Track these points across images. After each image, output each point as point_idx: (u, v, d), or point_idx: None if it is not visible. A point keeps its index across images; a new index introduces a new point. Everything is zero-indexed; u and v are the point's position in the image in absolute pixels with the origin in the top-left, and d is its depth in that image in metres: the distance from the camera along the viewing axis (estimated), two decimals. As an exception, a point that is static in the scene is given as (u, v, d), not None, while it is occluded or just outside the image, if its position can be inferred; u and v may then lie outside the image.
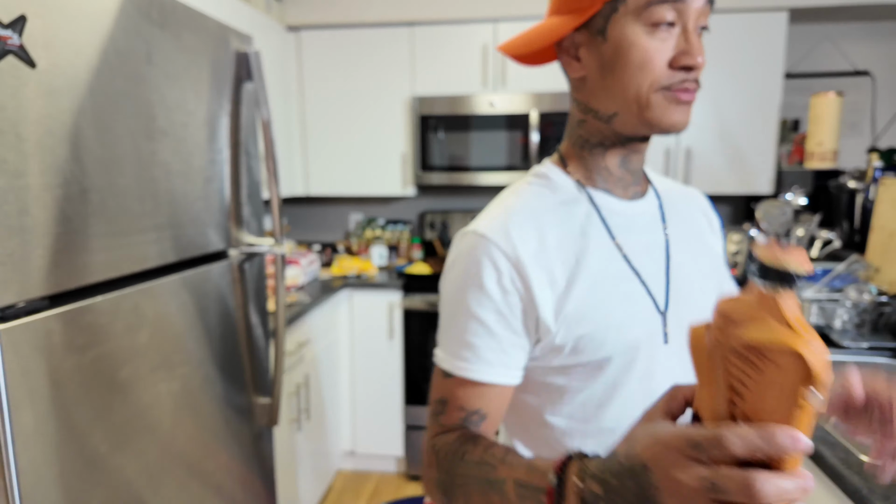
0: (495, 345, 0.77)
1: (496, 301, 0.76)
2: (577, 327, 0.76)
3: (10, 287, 0.93)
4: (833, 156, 2.64)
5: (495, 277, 0.76)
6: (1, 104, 0.90)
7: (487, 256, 0.76)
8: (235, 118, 1.57)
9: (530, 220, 0.79)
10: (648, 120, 0.75)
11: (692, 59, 0.71)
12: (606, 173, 0.84)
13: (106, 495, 1.13)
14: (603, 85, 0.77)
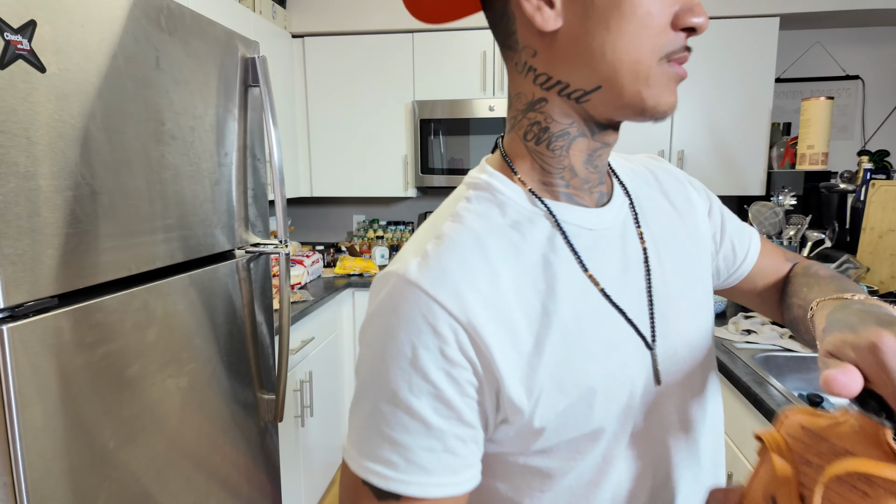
0: (436, 444, 0.53)
1: (436, 383, 0.52)
2: (558, 399, 0.55)
3: (21, 286, 0.95)
4: (824, 158, 2.66)
5: (436, 347, 0.52)
6: (12, 108, 0.92)
7: (422, 316, 0.52)
8: (242, 122, 1.59)
9: (477, 255, 0.55)
10: (643, 100, 0.55)
11: (700, 17, 0.53)
12: (570, 174, 0.61)
13: (114, 489, 1.15)
14: (585, 45, 0.54)
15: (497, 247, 0.57)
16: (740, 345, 1.87)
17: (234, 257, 1.59)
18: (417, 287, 0.53)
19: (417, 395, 0.52)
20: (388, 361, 0.52)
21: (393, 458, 0.52)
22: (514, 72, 0.60)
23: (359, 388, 0.56)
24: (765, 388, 1.52)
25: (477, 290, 0.53)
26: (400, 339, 0.52)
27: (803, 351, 1.80)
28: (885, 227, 2.10)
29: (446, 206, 0.62)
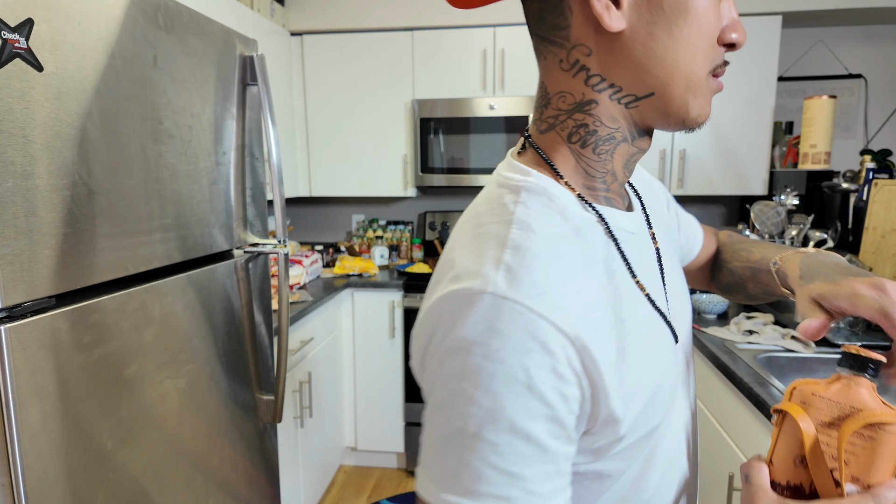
0: (551, 468, 0.50)
1: (550, 403, 0.49)
2: (636, 404, 0.55)
3: (18, 286, 0.94)
4: (826, 158, 2.66)
5: (548, 366, 0.49)
6: (9, 107, 0.92)
7: (530, 334, 0.48)
8: (240, 121, 1.58)
9: (561, 265, 0.53)
10: (684, 108, 0.56)
11: (742, 34, 0.55)
12: (611, 178, 0.60)
13: (112, 490, 1.14)
14: (650, 48, 0.53)
15: (571, 255, 0.55)
16: (742, 345, 1.86)
17: (232, 257, 1.58)
18: (517, 303, 0.49)
19: (534, 420, 0.48)
20: (498, 388, 0.48)
21: (511, 493, 0.48)
22: (557, 69, 0.58)
23: (447, 424, 0.50)
24: (766, 389, 1.51)
25: (573, 302, 0.51)
26: (508, 363, 0.48)
27: (805, 351, 1.79)
28: (888, 227, 2.10)
29: (495, 210, 0.58)
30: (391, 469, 3.20)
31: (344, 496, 2.94)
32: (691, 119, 0.56)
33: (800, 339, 1.85)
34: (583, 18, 0.54)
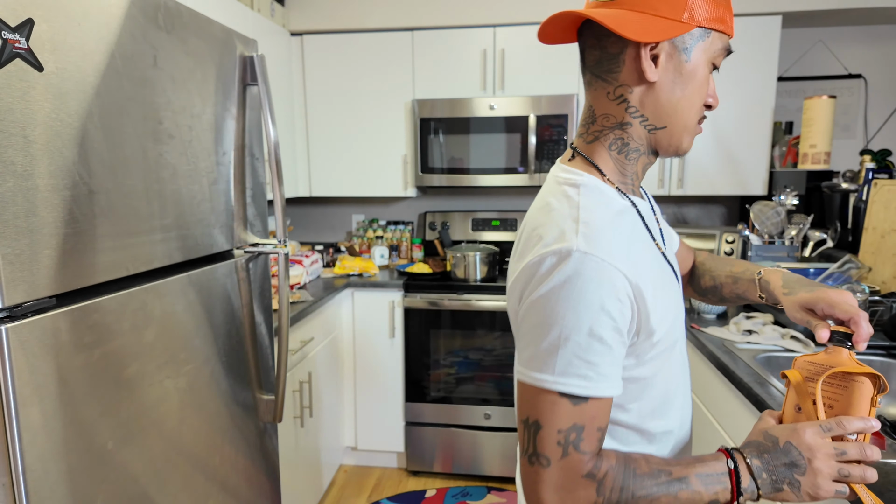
0: (612, 360, 0.77)
1: (615, 318, 0.76)
2: (666, 318, 0.83)
3: (19, 286, 0.95)
4: (826, 158, 2.66)
5: (614, 294, 0.75)
6: (9, 107, 0.92)
7: (603, 275, 0.75)
8: (241, 121, 1.59)
9: (617, 232, 0.80)
10: (680, 142, 0.86)
11: (716, 102, 0.86)
12: (635, 177, 0.89)
13: (112, 490, 1.14)
14: (669, 97, 0.82)
15: (620, 227, 0.82)
16: (741, 345, 1.86)
17: (232, 257, 1.58)
18: (595, 256, 0.76)
19: (605, 328, 0.75)
20: (583, 309, 0.75)
21: (589, 373, 0.75)
22: (604, 98, 0.85)
23: (545, 333, 0.76)
24: (766, 389, 1.51)
25: (628, 255, 0.78)
26: (590, 292, 0.75)
27: (804, 351, 1.79)
28: (888, 227, 2.10)
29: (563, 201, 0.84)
30: (391, 468, 3.20)
31: (344, 495, 2.94)
32: (682, 149, 0.87)
33: (799, 339, 1.86)
34: (631, 68, 0.82)
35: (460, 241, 3.50)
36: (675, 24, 0.78)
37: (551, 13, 2.93)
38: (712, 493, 0.76)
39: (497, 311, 2.90)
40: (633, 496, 0.76)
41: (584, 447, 0.76)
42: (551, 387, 0.76)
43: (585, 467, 0.76)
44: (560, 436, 0.76)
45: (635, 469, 0.77)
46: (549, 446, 0.76)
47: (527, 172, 2.99)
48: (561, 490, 0.76)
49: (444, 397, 3.01)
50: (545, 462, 0.76)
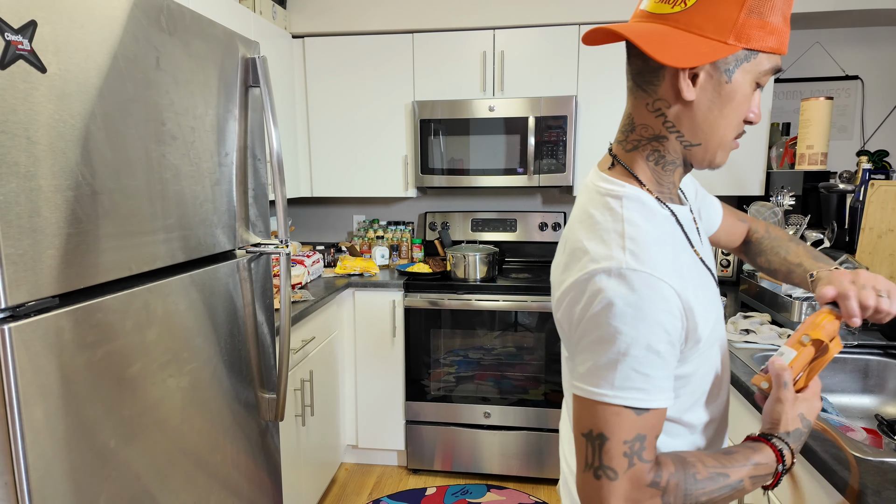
0: (667, 372, 0.80)
1: (669, 332, 0.79)
2: (707, 323, 0.85)
3: (22, 286, 0.95)
4: (823, 158, 2.66)
5: (667, 309, 0.78)
6: (12, 108, 0.93)
7: (655, 291, 0.78)
8: (243, 122, 1.59)
9: (662, 245, 0.83)
10: (714, 158, 0.87)
11: (758, 118, 0.86)
12: (672, 186, 0.91)
13: (115, 489, 1.15)
14: (706, 116, 0.83)
15: (663, 238, 0.84)
16: (739, 344, 1.87)
17: (234, 257, 1.59)
18: (644, 272, 0.78)
19: (661, 342, 0.78)
20: (638, 324, 0.77)
21: (646, 386, 0.78)
22: (643, 108, 0.86)
23: (603, 350, 0.79)
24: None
25: (674, 267, 0.81)
26: (644, 308, 0.77)
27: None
28: (885, 227, 2.11)
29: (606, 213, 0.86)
30: (392, 467, 3.21)
31: (345, 493, 2.95)
32: (715, 164, 0.88)
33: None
34: (670, 84, 0.82)
35: (460, 241, 3.51)
36: (719, 47, 0.78)
37: (550, 15, 2.95)
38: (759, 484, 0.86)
39: (497, 310, 2.91)
40: (697, 501, 0.80)
41: (647, 456, 0.79)
42: (612, 400, 0.78)
43: (649, 476, 0.79)
44: (626, 447, 0.78)
45: (695, 474, 0.81)
46: (616, 458, 0.78)
47: (526, 173, 3.00)
48: (629, 501, 0.78)
49: (445, 396, 3.02)
50: (612, 474, 0.78)
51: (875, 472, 1.08)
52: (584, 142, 3.04)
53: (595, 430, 0.79)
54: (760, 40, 0.78)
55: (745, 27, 0.77)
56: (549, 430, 2.95)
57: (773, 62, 0.81)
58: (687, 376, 0.88)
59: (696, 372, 0.89)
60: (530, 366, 2.93)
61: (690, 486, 0.80)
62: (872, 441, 1.44)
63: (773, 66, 0.81)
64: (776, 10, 0.77)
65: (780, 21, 0.78)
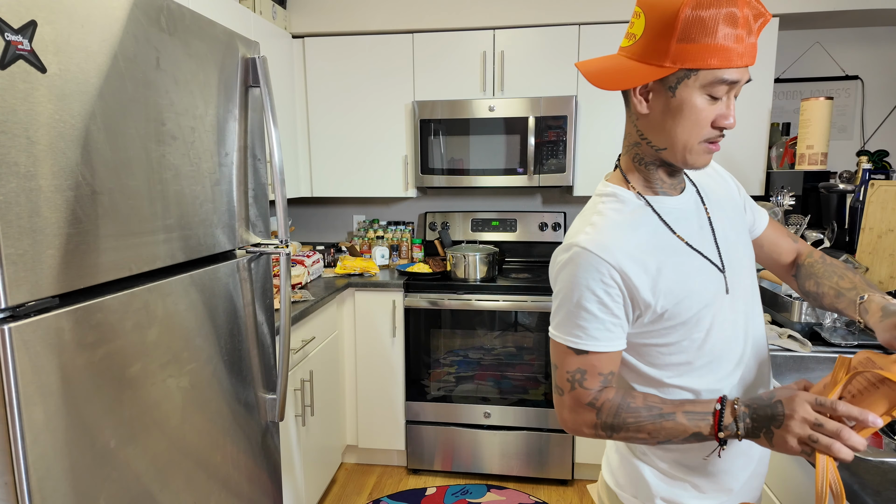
0: (600, 326, 1.01)
1: (599, 296, 1.00)
2: (673, 296, 1.01)
3: (22, 286, 0.95)
4: (823, 158, 2.66)
5: (598, 278, 0.99)
6: (12, 108, 0.93)
7: (590, 264, 0.99)
8: (243, 122, 1.59)
9: (618, 230, 1.02)
10: (686, 160, 1.00)
11: (729, 123, 0.96)
12: (661, 182, 1.07)
13: (115, 489, 1.15)
14: (661, 126, 0.99)
15: (628, 224, 1.03)
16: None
17: (234, 257, 1.59)
18: (586, 250, 1.00)
19: (590, 303, 1.00)
20: (574, 288, 1.01)
21: (580, 334, 1.01)
22: (629, 121, 1.05)
23: (560, 305, 1.03)
24: (764, 388, 1.52)
25: (620, 248, 1.00)
26: (579, 276, 1.00)
27: (802, 350, 1.80)
28: (884, 227, 2.11)
29: (592, 207, 1.08)
30: (392, 466, 3.21)
31: (345, 493, 2.95)
32: (693, 164, 1.00)
33: (796, 339, 1.86)
34: (632, 102, 1.01)
35: (460, 241, 3.51)
36: (655, 70, 0.94)
37: (550, 15, 2.95)
38: (694, 426, 0.96)
39: (497, 310, 2.91)
40: (624, 421, 0.99)
41: (587, 385, 1.02)
42: (560, 340, 1.04)
43: (588, 398, 1.02)
44: (569, 375, 1.03)
45: (630, 402, 1.00)
46: (563, 382, 1.04)
47: (526, 173, 3.00)
48: (571, 410, 1.04)
49: (445, 396, 3.02)
50: (560, 392, 1.05)
51: (875, 472, 1.08)
52: (584, 142, 3.04)
53: (553, 360, 1.07)
54: (696, 60, 0.91)
55: (679, 52, 0.91)
56: (549, 430, 2.95)
57: (716, 76, 0.92)
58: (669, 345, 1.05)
59: (678, 344, 1.05)
60: (530, 366, 2.93)
61: (622, 408, 0.99)
62: (872, 441, 1.44)
63: (716, 78, 0.92)
64: (714, 33, 0.90)
65: (725, 40, 0.90)
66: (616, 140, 3.01)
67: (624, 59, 0.99)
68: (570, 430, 1.06)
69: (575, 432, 1.06)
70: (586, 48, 2.96)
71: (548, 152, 2.97)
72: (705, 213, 1.11)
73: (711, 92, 0.94)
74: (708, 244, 1.08)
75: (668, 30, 0.92)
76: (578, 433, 1.06)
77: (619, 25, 2.91)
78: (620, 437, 1.01)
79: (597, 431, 1.03)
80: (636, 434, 1.00)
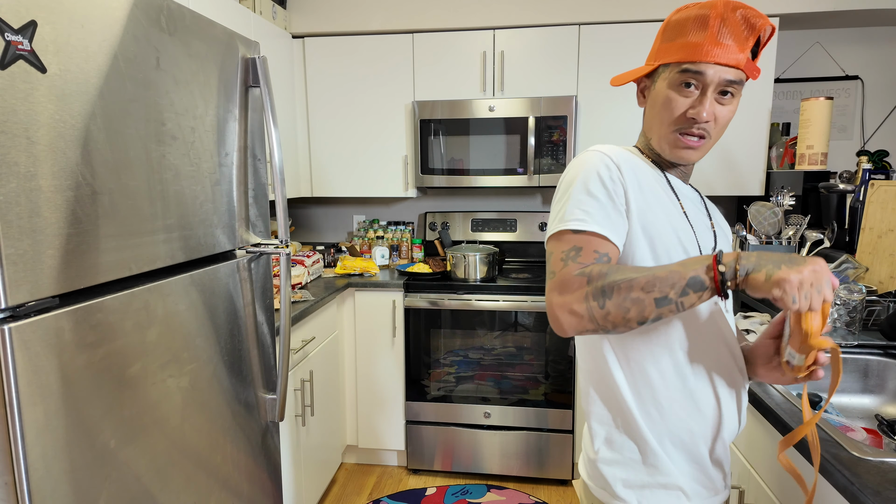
0: (603, 212, 1.02)
1: (607, 186, 1.04)
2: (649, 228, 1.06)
3: (22, 286, 0.95)
4: (823, 158, 2.67)
5: (607, 173, 1.04)
6: (12, 108, 0.93)
7: (602, 161, 1.06)
8: (243, 122, 1.59)
9: (629, 157, 1.10)
10: (663, 148, 1.10)
11: (696, 114, 1.04)
12: (668, 164, 1.15)
13: (115, 489, 1.15)
14: (649, 116, 1.12)
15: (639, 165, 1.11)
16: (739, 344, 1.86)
17: (234, 257, 1.59)
18: (601, 152, 1.08)
19: (596, 187, 1.04)
20: (586, 176, 1.05)
21: (584, 217, 1.02)
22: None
23: (566, 194, 1.06)
24: (764, 388, 1.52)
25: (626, 162, 1.08)
26: (591, 167, 1.06)
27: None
28: (885, 227, 2.11)
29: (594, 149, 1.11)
30: (392, 466, 3.21)
31: (345, 493, 2.95)
32: (667, 154, 1.11)
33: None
34: (637, 98, 1.17)
35: (460, 241, 3.51)
36: (643, 68, 1.12)
37: (550, 15, 2.96)
38: (692, 270, 0.91)
39: (497, 310, 2.91)
40: (614, 281, 0.93)
41: (581, 260, 0.99)
42: (558, 227, 1.03)
43: (578, 269, 0.98)
44: (563, 254, 1.01)
45: (619, 268, 0.96)
46: (556, 263, 1.01)
47: (526, 173, 3.00)
48: (560, 287, 0.97)
49: (445, 396, 3.02)
50: (551, 275, 1.01)
51: (875, 472, 1.09)
52: (584, 142, 3.04)
53: (548, 253, 1.04)
54: (667, 56, 1.05)
55: (659, 51, 1.08)
56: (549, 430, 2.95)
57: (681, 67, 1.03)
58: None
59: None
60: (530, 366, 2.93)
61: (612, 269, 0.95)
62: (872, 441, 1.44)
63: (681, 69, 1.03)
64: (685, 34, 1.03)
65: (694, 37, 1.02)
66: (616, 140, 3.02)
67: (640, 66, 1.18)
68: (559, 314, 0.97)
69: (564, 317, 0.97)
70: (586, 48, 2.96)
71: (548, 152, 2.97)
72: (707, 216, 1.18)
73: (682, 81, 1.04)
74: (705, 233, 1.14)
75: (658, 35, 1.10)
76: (568, 319, 0.96)
77: (620, 25, 2.91)
78: (613, 304, 0.93)
79: (588, 304, 0.94)
80: (629, 294, 0.92)
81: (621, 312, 0.93)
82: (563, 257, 1.00)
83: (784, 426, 1.32)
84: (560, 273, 0.99)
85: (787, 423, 1.31)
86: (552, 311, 0.98)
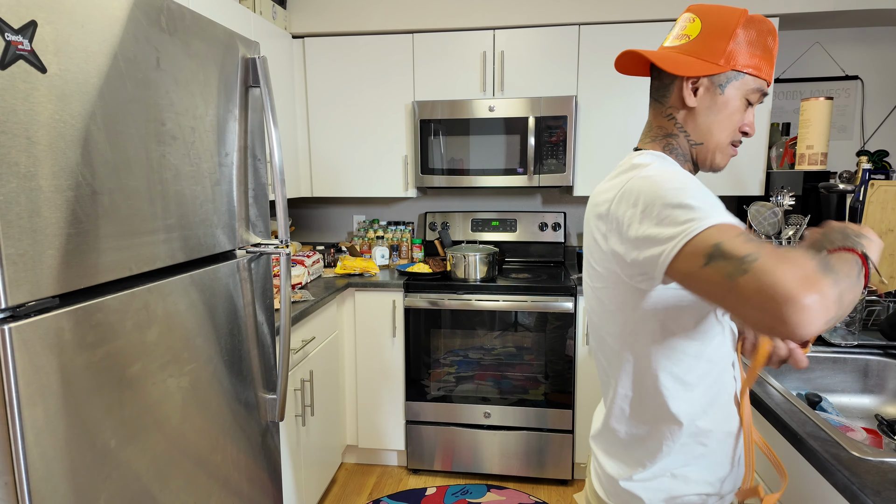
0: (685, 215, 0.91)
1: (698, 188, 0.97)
2: None
3: (22, 286, 0.95)
4: (823, 158, 2.66)
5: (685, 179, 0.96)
6: (12, 108, 0.93)
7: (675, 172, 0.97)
8: (243, 122, 1.59)
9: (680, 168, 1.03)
10: (714, 158, 1.09)
11: (752, 130, 1.09)
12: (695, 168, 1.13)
13: (115, 489, 1.15)
14: (705, 120, 1.07)
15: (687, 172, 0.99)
16: (740, 344, 1.87)
17: (235, 257, 1.59)
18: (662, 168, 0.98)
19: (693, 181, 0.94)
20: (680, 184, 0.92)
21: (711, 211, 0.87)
22: (660, 115, 1.12)
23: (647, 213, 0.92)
24: (763, 388, 1.52)
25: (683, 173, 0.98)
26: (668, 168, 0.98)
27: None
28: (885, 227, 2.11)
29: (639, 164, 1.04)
30: (392, 466, 3.21)
31: (345, 493, 2.95)
32: (716, 165, 1.10)
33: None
34: (677, 95, 1.08)
35: (460, 241, 3.51)
36: (711, 66, 1.04)
37: (550, 15, 2.95)
38: (848, 252, 0.90)
39: (497, 310, 2.91)
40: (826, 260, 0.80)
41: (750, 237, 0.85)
42: (702, 225, 0.83)
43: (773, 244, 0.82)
44: (743, 236, 0.80)
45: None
46: (745, 247, 0.78)
47: (526, 174, 3.00)
48: (782, 259, 0.74)
49: (445, 396, 3.02)
50: (753, 257, 0.76)
51: (875, 472, 1.09)
52: (584, 142, 3.04)
53: (712, 248, 0.81)
54: (746, 64, 1.03)
55: (732, 54, 1.03)
56: (549, 430, 2.95)
57: (758, 84, 1.04)
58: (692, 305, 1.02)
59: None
60: (530, 366, 2.93)
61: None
62: (872, 441, 1.44)
63: (758, 87, 1.04)
64: (758, 45, 1.03)
65: (763, 53, 1.03)
66: (616, 140, 3.01)
67: (677, 53, 1.07)
68: (806, 298, 0.71)
69: (814, 300, 0.71)
70: (586, 48, 2.96)
71: (548, 152, 2.97)
72: None
73: (750, 97, 1.05)
74: None
75: (725, 33, 1.03)
76: (819, 302, 0.72)
77: (620, 25, 2.91)
78: (846, 286, 0.78)
79: (828, 284, 0.74)
80: (847, 274, 0.81)
81: (852, 296, 0.80)
82: (744, 239, 0.80)
83: (784, 426, 1.32)
84: (764, 250, 0.76)
85: (787, 423, 1.31)
86: (795, 299, 0.71)
